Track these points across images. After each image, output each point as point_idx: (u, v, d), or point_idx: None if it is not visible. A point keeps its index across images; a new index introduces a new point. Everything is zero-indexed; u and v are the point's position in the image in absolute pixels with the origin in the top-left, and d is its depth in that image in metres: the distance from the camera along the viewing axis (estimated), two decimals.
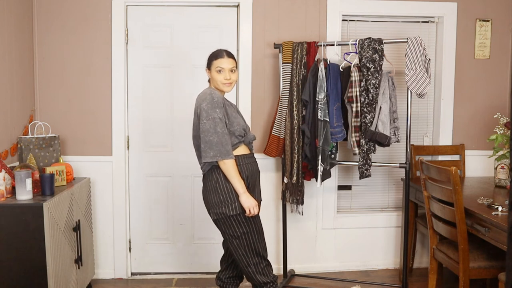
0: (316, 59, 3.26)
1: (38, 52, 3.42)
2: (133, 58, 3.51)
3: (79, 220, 3.04)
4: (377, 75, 3.10)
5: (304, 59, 3.25)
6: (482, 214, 2.52)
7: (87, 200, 3.26)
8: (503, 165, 3.18)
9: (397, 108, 3.25)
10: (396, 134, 3.25)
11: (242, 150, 2.53)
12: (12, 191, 2.68)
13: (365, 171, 3.18)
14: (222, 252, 3.26)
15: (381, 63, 3.11)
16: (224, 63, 2.49)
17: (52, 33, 3.41)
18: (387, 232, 3.77)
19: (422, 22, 3.70)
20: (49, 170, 2.93)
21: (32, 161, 3.01)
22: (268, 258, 3.99)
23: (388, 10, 3.58)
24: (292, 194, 3.33)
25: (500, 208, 2.54)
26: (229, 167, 2.39)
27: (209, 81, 2.61)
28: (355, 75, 3.11)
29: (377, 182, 3.81)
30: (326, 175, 3.25)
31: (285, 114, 3.28)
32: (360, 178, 3.23)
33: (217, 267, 3.67)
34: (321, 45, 3.27)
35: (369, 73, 3.09)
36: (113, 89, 3.46)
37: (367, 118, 3.12)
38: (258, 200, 2.64)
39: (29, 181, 2.61)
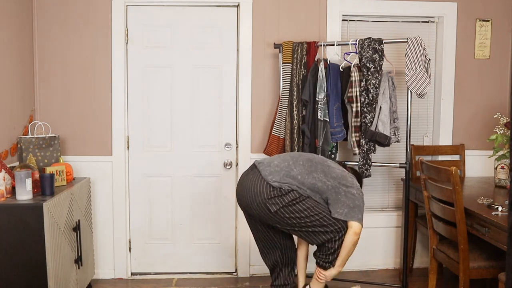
0: (316, 59, 3.26)
1: (38, 52, 3.41)
2: (133, 58, 3.51)
3: (79, 220, 3.04)
4: (377, 75, 3.10)
5: (304, 59, 3.25)
6: (482, 214, 2.52)
7: (87, 200, 3.26)
8: (503, 165, 3.18)
9: (397, 108, 3.25)
10: (396, 134, 3.25)
11: None
12: (12, 191, 2.68)
13: (365, 171, 3.18)
14: (221, 251, 3.28)
15: (381, 63, 3.11)
16: None
17: (52, 33, 3.41)
18: (387, 232, 3.76)
19: (422, 22, 3.70)
20: (49, 170, 2.93)
21: (32, 161, 3.01)
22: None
23: (388, 10, 3.58)
24: None
25: (500, 208, 2.54)
26: None
27: None
28: (355, 75, 3.11)
29: (377, 182, 3.81)
30: None
31: (285, 114, 3.28)
32: None
33: (216, 267, 3.68)
34: (321, 45, 3.27)
35: (369, 73, 3.09)
36: (113, 89, 3.46)
37: (367, 118, 3.12)
38: None
39: (29, 181, 2.61)
